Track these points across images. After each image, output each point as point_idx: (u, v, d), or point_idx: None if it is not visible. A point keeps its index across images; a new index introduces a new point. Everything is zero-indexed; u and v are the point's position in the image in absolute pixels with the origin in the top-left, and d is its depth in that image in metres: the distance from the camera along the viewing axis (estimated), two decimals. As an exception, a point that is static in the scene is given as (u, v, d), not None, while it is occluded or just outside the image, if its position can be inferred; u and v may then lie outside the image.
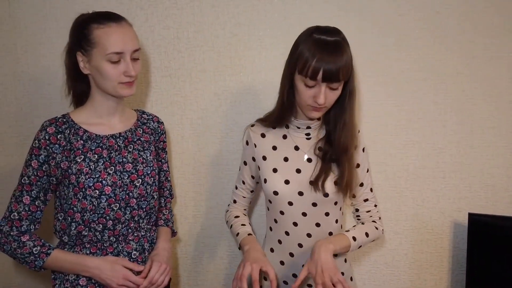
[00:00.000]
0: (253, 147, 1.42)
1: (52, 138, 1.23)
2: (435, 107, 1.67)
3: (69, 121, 1.28)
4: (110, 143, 1.31)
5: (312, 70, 1.17)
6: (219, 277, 1.84)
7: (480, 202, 1.70)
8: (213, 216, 1.80)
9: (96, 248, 1.30)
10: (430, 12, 1.62)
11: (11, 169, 1.80)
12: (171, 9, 1.69)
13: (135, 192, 1.31)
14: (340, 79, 1.19)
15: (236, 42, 1.69)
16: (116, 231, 1.30)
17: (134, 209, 1.32)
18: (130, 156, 1.33)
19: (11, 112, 1.77)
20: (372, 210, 1.45)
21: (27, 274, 1.85)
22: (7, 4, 1.71)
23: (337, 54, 1.17)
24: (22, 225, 1.24)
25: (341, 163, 1.32)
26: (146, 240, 1.38)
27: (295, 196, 1.34)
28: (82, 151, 1.26)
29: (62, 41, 1.69)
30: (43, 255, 1.23)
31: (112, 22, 1.22)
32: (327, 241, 1.26)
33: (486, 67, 1.63)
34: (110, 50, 1.19)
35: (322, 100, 1.20)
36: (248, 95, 1.72)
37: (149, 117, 1.46)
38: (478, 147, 1.67)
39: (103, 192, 1.26)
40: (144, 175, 1.34)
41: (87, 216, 1.26)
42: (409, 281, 1.76)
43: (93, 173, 1.25)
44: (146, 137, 1.40)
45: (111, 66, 1.21)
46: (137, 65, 1.27)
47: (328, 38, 1.19)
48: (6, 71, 1.74)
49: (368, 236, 1.37)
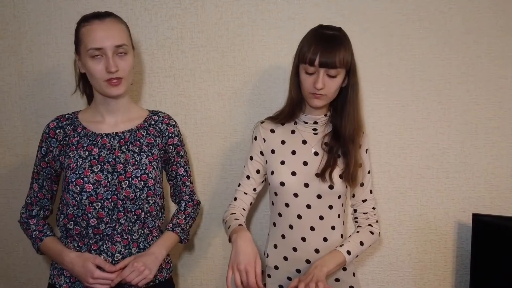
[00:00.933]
0: (262, 142, 1.46)
1: (51, 133, 1.31)
2: (439, 107, 1.66)
3: (72, 117, 1.34)
4: (103, 142, 1.32)
5: (310, 55, 1.28)
6: (223, 276, 1.84)
7: (484, 202, 1.69)
8: (217, 215, 1.80)
9: (82, 243, 1.33)
10: (434, 12, 1.62)
11: (15, 168, 1.82)
12: (175, 10, 1.69)
13: (121, 194, 1.30)
14: (337, 66, 1.28)
15: (240, 42, 1.69)
16: (100, 230, 1.31)
17: (120, 211, 1.31)
18: (123, 157, 1.32)
19: (15, 112, 1.78)
20: (370, 212, 1.48)
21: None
22: (12, 5, 1.72)
23: (333, 44, 1.28)
24: (33, 209, 1.39)
25: (347, 154, 1.38)
26: (136, 245, 1.36)
27: (301, 188, 1.39)
28: (76, 146, 1.31)
29: (66, 41, 1.72)
30: (38, 240, 1.35)
31: (95, 20, 1.26)
32: (322, 263, 1.31)
33: (491, 67, 1.63)
34: (89, 46, 1.24)
35: (320, 85, 1.28)
36: (251, 95, 1.72)
37: (160, 118, 1.44)
38: (482, 147, 1.67)
39: (84, 189, 1.27)
40: (132, 178, 1.31)
41: (70, 211, 1.30)
42: (413, 282, 1.75)
43: (78, 169, 1.28)
44: (149, 139, 1.39)
45: (94, 62, 1.25)
46: (124, 62, 1.27)
47: (326, 31, 1.32)
48: (11, 71, 1.75)
49: (363, 245, 1.41)
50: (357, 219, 1.48)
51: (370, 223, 1.45)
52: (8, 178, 1.82)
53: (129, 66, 1.29)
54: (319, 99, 1.33)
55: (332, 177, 1.36)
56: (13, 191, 1.82)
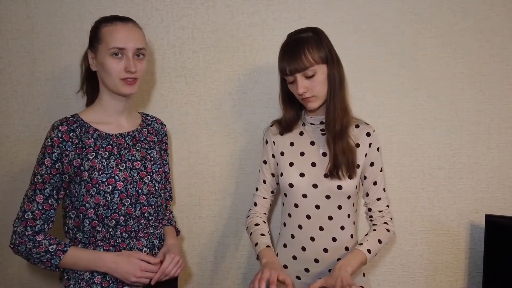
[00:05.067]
0: (272, 145, 1.49)
1: (65, 136, 1.27)
2: (451, 107, 1.65)
3: (79, 120, 1.33)
4: (120, 141, 1.36)
5: (282, 66, 1.33)
6: (233, 276, 1.84)
7: (497, 203, 1.68)
8: (228, 215, 1.81)
9: (109, 245, 1.32)
10: (446, 11, 1.61)
11: (28, 167, 1.84)
12: (186, 10, 1.70)
13: (144, 189, 1.35)
14: (308, 66, 1.29)
15: (251, 42, 1.70)
16: (128, 227, 1.33)
17: (144, 206, 1.36)
18: (139, 154, 1.38)
19: (28, 111, 1.80)
20: (384, 210, 1.47)
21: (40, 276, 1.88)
22: (25, 6, 1.74)
23: (297, 48, 1.30)
24: (36, 224, 1.25)
25: (334, 145, 1.36)
26: (155, 237, 1.41)
27: (309, 189, 1.40)
28: (94, 148, 1.30)
29: (78, 41, 1.73)
30: (59, 252, 1.25)
31: (118, 21, 1.31)
32: (346, 263, 1.31)
33: (504, 67, 1.61)
34: (113, 45, 1.27)
35: (300, 90, 1.32)
36: (262, 95, 1.72)
37: (153, 119, 1.53)
38: (495, 147, 1.65)
39: (116, 187, 1.29)
40: (152, 172, 1.38)
41: (100, 211, 1.28)
42: (425, 283, 1.74)
43: (106, 169, 1.29)
44: (151, 137, 1.46)
45: (114, 61, 1.28)
46: (141, 64, 1.33)
47: (290, 38, 1.35)
48: (24, 71, 1.77)
49: (381, 243, 1.41)
50: (372, 218, 1.48)
51: (385, 221, 1.45)
52: (20, 177, 1.84)
53: (144, 68, 1.35)
54: (311, 102, 1.35)
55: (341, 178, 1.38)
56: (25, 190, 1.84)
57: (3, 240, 1.87)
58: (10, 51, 1.77)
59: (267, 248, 1.39)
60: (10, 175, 1.84)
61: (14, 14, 1.75)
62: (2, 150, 1.83)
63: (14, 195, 1.85)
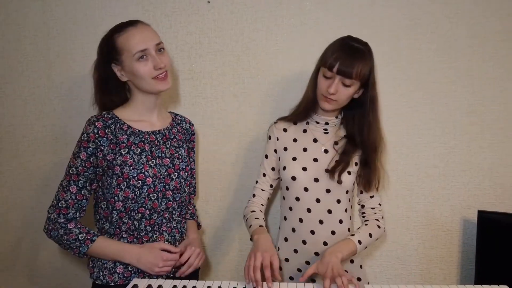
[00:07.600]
0: (276, 140, 1.55)
1: (101, 132, 1.32)
2: (445, 108, 1.71)
3: (114, 117, 1.37)
4: (151, 139, 1.41)
5: (331, 61, 1.36)
6: (239, 269, 1.92)
7: (489, 199, 1.74)
8: (233, 211, 1.88)
9: (132, 237, 1.38)
10: (440, 17, 1.67)
11: (44, 165, 1.91)
12: (193, 16, 1.77)
13: (171, 185, 1.41)
14: (353, 77, 1.34)
15: (254, 47, 1.76)
16: (152, 221, 1.39)
17: (169, 201, 1.41)
18: (168, 152, 1.43)
19: (44, 112, 1.87)
20: (376, 207, 1.54)
21: (70, 260, 1.98)
22: (42, 12, 1.81)
23: (355, 56, 1.35)
24: (69, 212, 1.33)
25: (369, 163, 1.46)
26: (177, 231, 1.47)
27: (311, 182, 1.46)
28: (126, 144, 1.36)
29: (91, 46, 1.80)
30: (88, 241, 1.32)
31: (129, 26, 1.33)
32: (336, 250, 1.36)
33: (496, 69, 1.67)
34: (135, 50, 1.30)
35: (332, 90, 1.36)
36: (265, 97, 1.79)
37: (182, 118, 1.57)
38: (487, 147, 1.72)
39: (145, 182, 1.35)
40: (180, 170, 1.44)
41: (128, 204, 1.35)
42: (420, 275, 1.81)
43: (137, 165, 1.35)
44: (180, 136, 1.51)
45: (141, 64, 1.31)
46: (165, 57, 1.36)
47: (352, 43, 1.39)
48: (41, 74, 1.85)
49: (371, 237, 1.46)
50: (364, 214, 1.54)
51: (376, 218, 1.51)
52: (37, 175, 1.92)
53: (169, 59, 1.39)
54: (329, 103, 1.41)
55: (342, 176, 1.44)
56: (42, 187, 1.93)
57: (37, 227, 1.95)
58: (28, 55, 1.84)
59: (260, 227, 1.42)
60: (27, 172, 1.92)
61: (31, 20, 1.82)
62: (20, 149, 1.90)
63: (32, 192, 1.93)
